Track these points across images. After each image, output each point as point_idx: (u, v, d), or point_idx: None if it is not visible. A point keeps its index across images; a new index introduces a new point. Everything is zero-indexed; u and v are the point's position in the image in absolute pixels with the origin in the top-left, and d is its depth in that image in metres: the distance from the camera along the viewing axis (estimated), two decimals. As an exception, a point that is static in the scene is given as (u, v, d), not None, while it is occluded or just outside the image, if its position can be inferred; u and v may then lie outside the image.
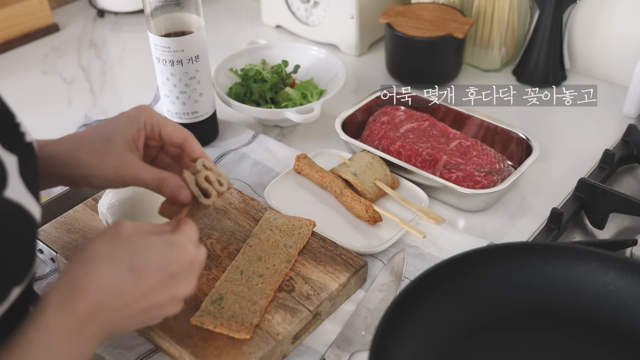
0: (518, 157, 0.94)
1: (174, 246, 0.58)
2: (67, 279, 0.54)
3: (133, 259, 0.55)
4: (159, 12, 0.90)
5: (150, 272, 0.56)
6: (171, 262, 0.57)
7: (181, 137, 0.69)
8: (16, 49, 1.29)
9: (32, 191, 0.52)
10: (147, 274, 0.56)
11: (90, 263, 0.55)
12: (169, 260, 0.57)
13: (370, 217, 0.85)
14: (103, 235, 0.57)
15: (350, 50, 1.23)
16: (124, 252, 0.56)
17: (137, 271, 0.55)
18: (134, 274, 0.55)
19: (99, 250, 0.56)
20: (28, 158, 0.53)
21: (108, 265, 0.55)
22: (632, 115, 1.05)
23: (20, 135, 0.53)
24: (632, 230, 0.86)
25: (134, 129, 0.67)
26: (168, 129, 0.68)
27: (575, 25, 1.13)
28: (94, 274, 0.54)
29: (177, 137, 0.69)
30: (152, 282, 0.56)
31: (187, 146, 0.69)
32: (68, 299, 0.53)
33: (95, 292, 0.53)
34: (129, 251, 0.56)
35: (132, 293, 0.55)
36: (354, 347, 0.71)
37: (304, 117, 0.97)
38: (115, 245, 0.56)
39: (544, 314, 0.67)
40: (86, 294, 0.53)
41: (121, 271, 0.55)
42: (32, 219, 0.51)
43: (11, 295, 0.50)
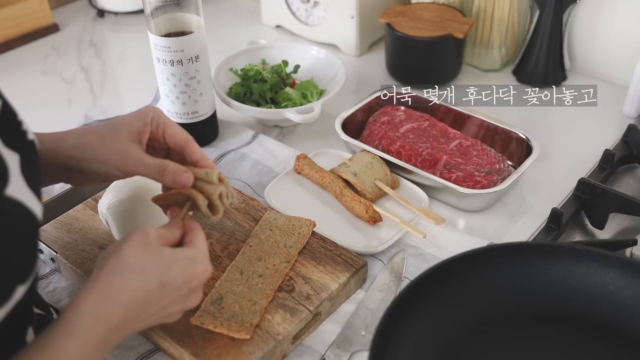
0: (518, 157, 0.94)
1: (197, 263, 0.61)
2: (103, 288, 0.56)
3: (162, 274, 0.58)
4: (159, 12, 0.90)
5: (175, 287, 0.59)
6: (193, 278, 0.60)
7: (183, 139, 0.70)
8: (16, 49, 1.29)
9: (33, 189, 0.52)
10: (172, 289, 0.59)
11: (126, 274, 0.57)
12: (192, 276, 0.60)
13: (370, 217, 0.85)
14: (134, 244, 0.59)
15: (350, 50, 1.24)
16: (155, 266, 0.58)
17: (164, 286, 0.58)
18: (161, 289, 0.58)
19: (133, 260, 0.57)
20: (29, 156, 0.53)
21: (142, 278, 0.57)
22: (632, 115, 1.05)
23: (22, 133, 0.53)
24: (632, 230, 0.86)
25: (141, 122, 0.69)
26: (172, 130, 0.70)
27: (575, 25, 1.13)
28: (130, 288, 0.56)
29: (179, 139, 0.70)
30: (173, 295, 0.59)
31: (188, 148, 0.70)
32: (103, 311, 0.54)
33: (127, 306, 0.56)
34: (160, 265, 0.58)
35: (156, 305, 0.58)
36: (354, 347, 0.71)
37: (304, 117, 0.97)
38: (148, 257, 0.58)
39: (544, 314, 0.67)
40: (120, 308, 0.55)
41: (152, 285, 0.57)
42: (34, 217, 0.51)
43: (16, 294, 0.50)
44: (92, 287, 0.56)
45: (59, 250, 0.79)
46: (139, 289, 0.56)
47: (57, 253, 0.79)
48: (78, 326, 0.53)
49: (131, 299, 0.56)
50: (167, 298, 0.59)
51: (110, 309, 0.55)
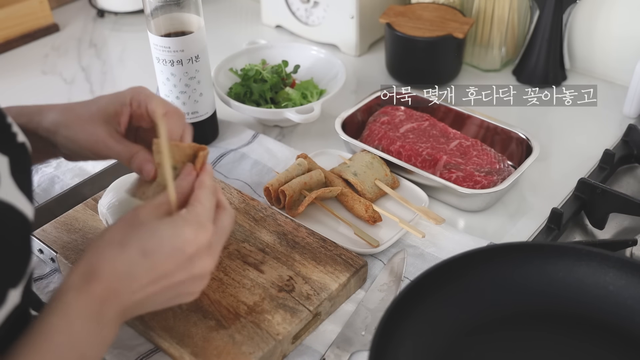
0: (518, 157, 0.94)
1: (185, 227, 0.57)
2: (83, 264, 0.55)
3: (144, 243, 0.56)
4: (159, 12, 0.90)
5: (163, 254, 0.56)
6: (185, 243, 0.57)
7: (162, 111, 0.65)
8: (16, 49, 1.29)
9: (24, 191, 0.52)
10: (160, 257, 0.56)
11: (104, 248, 0.56)
12: (182, 242, 0.57)
13: (370, 217, 0.85)
14: (119, 221, 0.58)
15: (350, 50, 1.24)
16: (135, 237, 0.56)
17: (148, 254, 0.56)
18: (145, 258, 0.55)
19: (112, 235, 0.56)
20: (20, 159, 0.53)
21: (120, 250, 0.55)
22: (632, 115, 1.05)
23: (12, 135, 0.53)
24: (632, 230, 0.86)
25: (118, 103, 0.67)
26: (152, 104, 0.67)
27: (575, 25, 1.13)
28: (107, 259, 0.55)
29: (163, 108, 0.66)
30: (166, 265, 0.56)
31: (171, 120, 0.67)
32: (84, 283, 0.54)
33: (108, 277, 0.54)
34: (141, 236, 0.56)
35: (147, 276, 0.56)
36: (354, 347, 0.71)
37: (304, 117, 0.97)
38: (128, 230, 0.57)
39: (544, 314, 0.67)
40: (100, 278, 0.54)
41: (133, 255, 0.55)
42: (25, 220, 0.51)
43: (8, 298, 0.49)
44: (76, 265, 0.56)
45: (59, 250, 0.79)
46: (117, 259, 0.55)
47: (57, 253, 0.79)
48: (61, 302, 0.53)
49: (110, 269, 0.54)
50: (159, 267, 0.56)
51: (90, 280, 0.54)
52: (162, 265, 0.56)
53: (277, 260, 0.78)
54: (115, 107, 0.67)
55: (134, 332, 0.73)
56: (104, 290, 0.54)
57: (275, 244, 0.80)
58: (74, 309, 0.53)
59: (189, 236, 0.57)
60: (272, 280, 0.75)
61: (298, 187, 0.87)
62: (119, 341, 0.72)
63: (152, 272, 0.56)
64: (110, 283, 0.54)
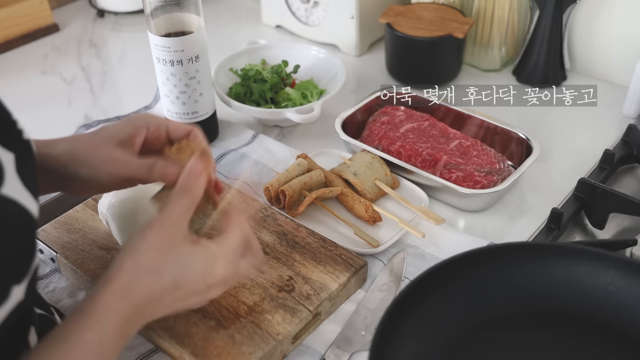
0: (518, 157, 0.94)
1: (216, 262, 0.61)
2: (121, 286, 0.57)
3: (178, 276, 0.59)
4: (159, 12, 0.90)
5: (191, 285, 0.60)
6: (211, 276, 0.61)
7: (188, 129, 0.70)
8: (16, 49, 1.29)
9: (29, 188, 0.52)
10: (189, 288, 0.60)
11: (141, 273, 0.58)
12: (209, 274, 0.61)
13: (370, 217, 0.85)
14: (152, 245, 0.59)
15: (350, 50, 1.24)
16: (171, 268, 0.59)
17: (180, 286, 0.59)
18: (177, 289, 0.59)
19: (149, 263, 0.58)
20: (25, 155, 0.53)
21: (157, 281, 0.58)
22: (632, 115, 1.05)
23: (18, 132, 0.53)
24: (632, 230, 0.86)
25: (131, 127, 0.68)
26: (173, 124, 0.70)
27: (575, 25, 1.13)
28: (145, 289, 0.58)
29: (183, 130, 0.70)
30: (189, 291, 0.60)
31: (192, 136, 0.70)
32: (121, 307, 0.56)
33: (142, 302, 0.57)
34: (176, 267, 0.59)
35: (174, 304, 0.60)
36: (354, 347, 0.71)
37: (304, 117, 0.97)
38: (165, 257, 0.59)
39: (544, 314, 0.67)
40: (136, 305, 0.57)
41: (167, 286, 0.58)
42: (30, 216, 0.51)
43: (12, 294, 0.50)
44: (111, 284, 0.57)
45: (59, 250, 0.79)
46: (154, 290, 0.58)
47: (57, 253, 0.79)
48: (97, 320, 0.55)
49: (145, 297, 0.57)
50: (188, 299, 0.60)
51: (126, 306, 0.56)
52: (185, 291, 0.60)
53: (277, 260, 0.78)
54: (128, 130, 0.68)
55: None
56: (135, 313, 0.57)
57: (275, 244, 0.80)
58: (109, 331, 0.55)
59: (217, 271, 0.61)
60: (272, 280, 0.75)
61: (298, 187, 0.87)
62: (119, 341, 0.72)
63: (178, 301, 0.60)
64: (141, 307, 0.57)
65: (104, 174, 0.67)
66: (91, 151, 0.67)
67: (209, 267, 0.60)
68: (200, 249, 0.61)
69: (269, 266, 0.77)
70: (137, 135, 0.68)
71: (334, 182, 0.89)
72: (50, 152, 0.67)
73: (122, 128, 0.68)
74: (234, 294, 0.73)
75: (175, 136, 0.70)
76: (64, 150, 0.67)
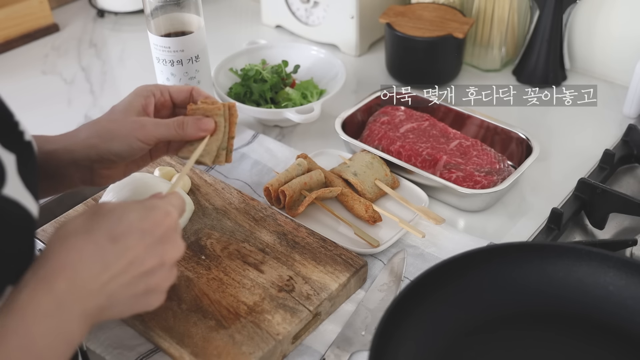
0: (518, 157, 0.94)
1: (155, 209, 0.56)
2: (42, 261, 0.51)
3: (112, 228, 0.53)
4: (159, 12, 0.90)
5: (133, 237, 0.53)
6: (154, 225, 0.55)
7: (188, 88, 0.73)
8: (16, 49, 1.29)
9: (30, 189, 0.52)
10: (130, 239, 0.53)
11: (66, 239, 0.52)
12: (152, 222, 0.55)
13: (370, 217, 0.85)
14: (82, 213, 0.55)
15: (350, 50, 1.24)
16: (102, 223, 0.53)
17: (118, 238, 0.53)
18: (115, 242, 0.52)
19: (73, 226, 0.53)
20: (26, 156, 0.53)
21: (85, 238, 0.52)
22: (632, 115, 1.05)
23: (19, 133, 0.53)
24: (632, 230, 0.86)
25: (142, 98, 0.70)
26: (174, 87, 0.73)
27: (575, 25, 1.13)
28: (70, 249, 0.51)
29: (186, 89, 0.73)
30: (137, 248, 0.53)
31: (195, 93, 0.73)
32: (44, 277, 0.49)
33: (74, 266, 0.50)
34: (107, 221, 0.53)
35: (116, 262, 0.52)
36: (354, 347, 0.71)
37: (304, 117, 0.97)
38: (93, 218, 0.53)
39: (544, 314, 0.67)
40: (64, 270, 0.50)
41: (101, 241, 0.52)
42: (30, 217, 0.51)
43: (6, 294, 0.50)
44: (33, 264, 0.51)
45: (59, 250, 0.79)
46: (84, 248, 0.51)
47: (57, 253, 0.79)
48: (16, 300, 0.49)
49: (76, 260, 0.50)
50: (129, 251, 0.52)
51: (51, 275, 0.49)
52: (132, 249, 0.53)
53: (277, 260, 0.78)
54: (140, 102, 0.70)
55: (134, 332, 0.73)
56: (68, 282, 0.50)
57: (275, 244, 0.80)
58: (30, 307, 0.48)
59: (159, 217, 0.55)
60: (272, 280, 0.75)
61: (298, 187, 0.87)
62: (119, 341, 0.72)
63: (122, 258, 0.52)
64: (74, 274, 0.50)
65: (135, 139, 0.66)
66: (118, 125, 0.67)
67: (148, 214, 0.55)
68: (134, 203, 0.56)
69: (269, 266, 0.77)
70: (148, 104, 0.70)
71: (334, 182, 0.89)
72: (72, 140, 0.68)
73: (133, 101, 0.70)
74: (234, 294, 0.73)
75: (179, 98, 0.72)
76: (89, 134, 0.68)
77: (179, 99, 0.73)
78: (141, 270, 0.54)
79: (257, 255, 0.78)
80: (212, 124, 0.69)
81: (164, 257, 0.55)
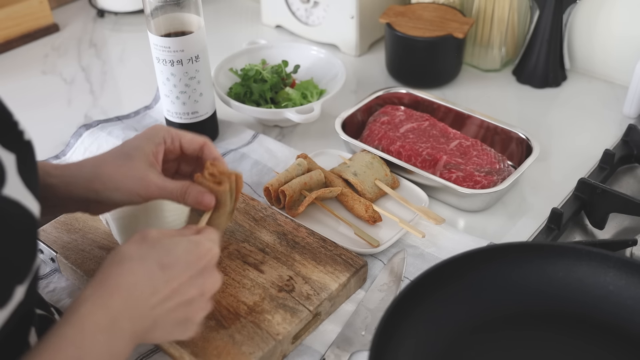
0: (518, 157, 0.94)
1: (199, 244, 0.61)
2: (100, 278, 0.56)
3: (162, 257, 0.58)
4: (159, 12, 0.90)
5: (179, 268, 0.58)
6: (198, 259, 0.60)
7: (201, 141, 0.71)
8: (16, 49, 1.29)
9: (30, 189, 0.52)
10: (177, 270, 0.58)
11: (122, 263, 0.57)
12: (196, 256, 0.60)
13: (370, 217, 0.85)
14: (131, 241, 0.60)
15: (350, 50, 1.24)
16: (153, 252, 0.58)
17: (166, 267, 0.58)
18: (164, 270, 0.58)
19: (129, 252, 0.58)
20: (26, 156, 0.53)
21: (139, 263, 0.57)
22: (632, 115, 1.05)
23: (19, 133, 0.53)
24: (632, 230, 0.86)
25: (152, 144, 0.69)
26: (187, 137, 0.71)
27: (575, 25, 1.13)
28: (126, 272, 0.57)
29: (197, 142, 0.71)
30: (181, 277, 0.58)
31: (206, 149, 0.71)
32: (101, 295, 0.55)
33: (128, 288, 0.56)
34: (158, 251, 0.59)
35: (164, 288, 0.57)
36: (354, 347, 0.71)
37: (304, 117, 0.97)
38: (144, 247, 0.59)
39: (544, 314, 0.67)
40: (119, 290, 0.55)
41: (152, 268, 0.57)
42: (32, 217, 0.52)
43: (15, 294, 0.50)
44: (92, 280, 0.57)
45: (59, 250, 0.79)
46: (138, 272, 0.57)
47: (57, 253, 0.79)
48: (76, 313, 0.53)
49: (131, 282, 0.56)
50: (174, 280, 0.58)
51: (108, 294, 0.55)
52: (177, 278, 0.58)
53: (277, 260, 0.78)
54: (151, 148, 0.69)
55: (134, 332, 0.73)
56: (122, 302, 0.55)
57: (275, 244, 0.80)
58: (89, 321, 0.53)
59: (203, 251, 0.60)
60: (272, 280, 0.75)
61: (298, 187, 0.87)
62: (119, 341, 0.72)
63: (169, 285, 0.58)
64: (128, 295, 0.55)
65: (136, 195, 0.67)
66: (123, 175, 0.67)
67: (193, 249, 0.60)
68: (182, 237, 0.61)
69: (269, 266, 0.77)
70: (158, 152, 0.69)
71: (334, 182, 0.89)
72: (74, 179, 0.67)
73: (145, 145, 0.69)
74: (234, 294, 0.73)
75: (189, 149, 0.71)
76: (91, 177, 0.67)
77: (189, 150, 0.71)
78: (184, 299, 0.59)
79: (257, 255, 0.78)
80: (213, 202, 0.67)
81: (203, 288, 0.60)
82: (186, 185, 0.67)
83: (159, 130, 0.70)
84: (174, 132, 0.71)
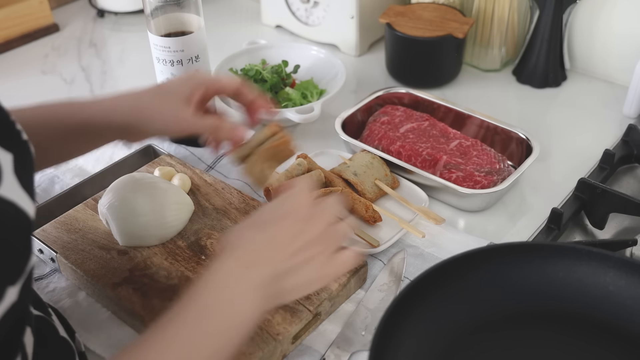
0: (518, 157, 0.94)
1: (287, 199, 0.63)
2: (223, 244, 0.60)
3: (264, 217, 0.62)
4: (159, 12, 0.90)
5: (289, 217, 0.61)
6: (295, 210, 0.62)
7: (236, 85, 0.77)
8: (16, 49, 1.29)
9: (26, 189, 0.52)
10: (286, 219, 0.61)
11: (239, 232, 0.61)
12: (290, 208, 0.62)
13: (370, 217, 0.85)
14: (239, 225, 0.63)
15: (350, 50, 1.24)
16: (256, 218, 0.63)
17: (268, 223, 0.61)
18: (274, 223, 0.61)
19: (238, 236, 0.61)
20: (23, 156, 0.53)
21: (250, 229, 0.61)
22: (632, 115, 1.05)
23: (17, 133, 0.53)
24: (632, 230, 0.86)
25: (188, 87, 0.74)
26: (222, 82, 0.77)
27: (575, 25, 1.13)
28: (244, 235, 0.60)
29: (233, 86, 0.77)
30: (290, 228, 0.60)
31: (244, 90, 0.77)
32: (227, 253, 0.59)
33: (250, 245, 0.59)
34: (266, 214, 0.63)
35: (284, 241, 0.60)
36: (354, 347, 0.71)
37: (304, 117, 0.97)
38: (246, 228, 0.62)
39: (544, 314, 0.67)
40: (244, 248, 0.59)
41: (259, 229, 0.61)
42: (27, 218, 0.51)
43: (6, 295, 0.49)
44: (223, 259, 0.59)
45: (59, 250, 0.79)
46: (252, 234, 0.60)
47: (57, 253, 0.79)
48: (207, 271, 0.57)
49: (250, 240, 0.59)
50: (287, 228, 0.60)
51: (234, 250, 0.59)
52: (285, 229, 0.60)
53: (277, 260, 0.77)
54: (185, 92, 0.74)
55: (134, 332, 0.73)
56: (249, 255, 0.58)
57: (275, 244, 0.80)
58: (221, 270, 0.57)
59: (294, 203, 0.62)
60: (272, 280, 0.75)
61: (298, 187, 0.87)
62: (119, 341, 0.72)
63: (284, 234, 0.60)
64: (253, 250, 0.59)
65: (170, 130, 0.74)
66: (158, 112, 0.73)
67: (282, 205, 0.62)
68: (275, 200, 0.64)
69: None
70: (193, 96, 0.74)
71: (334, 182, 0.89)
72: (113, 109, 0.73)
73: (181, 86, 0.74)
74: (234, 294, 0.73)
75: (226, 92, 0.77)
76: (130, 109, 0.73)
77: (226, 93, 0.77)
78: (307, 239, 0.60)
79: (257, 255, 0.78)
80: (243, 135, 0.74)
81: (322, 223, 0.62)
82: (217, 122, 0.73)
83: (198, 75, 0.77)
84: (213, 79, 0.78)
